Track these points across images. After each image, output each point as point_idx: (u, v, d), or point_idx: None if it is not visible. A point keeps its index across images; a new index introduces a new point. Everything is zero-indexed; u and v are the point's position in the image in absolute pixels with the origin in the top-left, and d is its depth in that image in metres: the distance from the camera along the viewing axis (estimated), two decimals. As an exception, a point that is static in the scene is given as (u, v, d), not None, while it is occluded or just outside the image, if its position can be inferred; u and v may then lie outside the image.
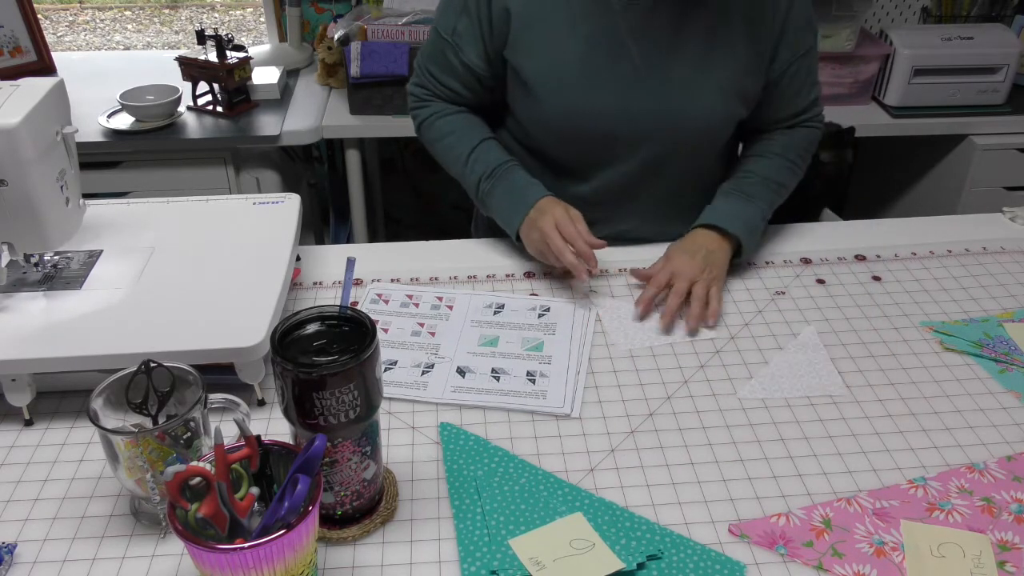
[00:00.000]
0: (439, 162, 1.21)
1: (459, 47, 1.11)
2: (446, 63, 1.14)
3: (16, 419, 0.84)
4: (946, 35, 1.99)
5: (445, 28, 1.12)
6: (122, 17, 4.42)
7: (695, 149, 1.13)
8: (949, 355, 0.95)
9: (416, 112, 1.21)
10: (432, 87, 1.18)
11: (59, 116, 0.87)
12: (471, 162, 1.14)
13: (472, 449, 0.81)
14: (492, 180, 1.12)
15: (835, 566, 0.69)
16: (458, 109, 1.18)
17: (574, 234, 1.02)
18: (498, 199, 1.11)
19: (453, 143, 1.16)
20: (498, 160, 1.13)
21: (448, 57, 1.13)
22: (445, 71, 1.15)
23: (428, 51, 1.17)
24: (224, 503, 0.59)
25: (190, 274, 0.92)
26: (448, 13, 1.12)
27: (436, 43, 1.14)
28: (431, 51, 1.16)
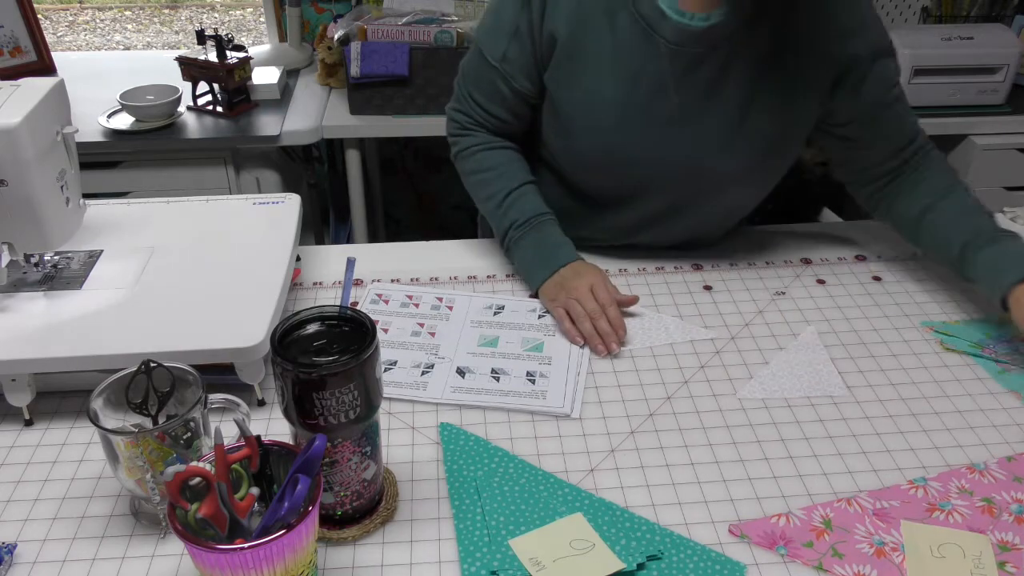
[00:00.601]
0: (468, 191, 1.14)
1: (509, 75, 1.05)
2: (493, 91, 1.07)
3: (16, 419, 0.84)
4: (946, 35, 1.98)
5: (493, 54, 1.04)
6: (122, 17, 4.42)
7: (725, 195, 1.08)
8: (949, 355, 0.95)
9: (456, 139, 1.14)
10: (476, 115, 1.11)
11: (59, 116, 0.87)
12: (506, 206, 1.08)
13: (472, 449, 0.81)
14: (523, 229, 1.06)
15: (835, 566, 0.69)
16: (503, 144, 1.11)
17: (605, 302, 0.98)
18: (525, 251, 1.06)
19: (491, 179, 1.10)
20: (534, 210, 1.07)
21: (497, 85, 1.06)
22: (492, 99, 1.08)
23: (472, 77, 1.09)
24: (224, 503, 0.59)
25: (190, 274, 0.92)
26: (496, 37, 1.04)
27: (481, 70, 1.07)
28: (475, 78, 1.09)
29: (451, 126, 1.15)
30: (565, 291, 1.00)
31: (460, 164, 1.14)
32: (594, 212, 1.12)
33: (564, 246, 1.06)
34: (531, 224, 1.06)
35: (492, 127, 1.11)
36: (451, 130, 1.15)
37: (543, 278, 1.03)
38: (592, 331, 0.96)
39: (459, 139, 1.13)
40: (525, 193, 1.09)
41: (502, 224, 1.09)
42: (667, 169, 1.03)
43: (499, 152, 1.11)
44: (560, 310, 0.99)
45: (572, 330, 0.97)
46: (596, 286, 0.99)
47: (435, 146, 2.53)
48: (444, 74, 1.88)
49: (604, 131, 1.02)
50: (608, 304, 0.98)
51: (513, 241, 1.07)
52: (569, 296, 0.99)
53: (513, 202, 1.08)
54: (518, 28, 1.02)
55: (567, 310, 0.99)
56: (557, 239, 1.07)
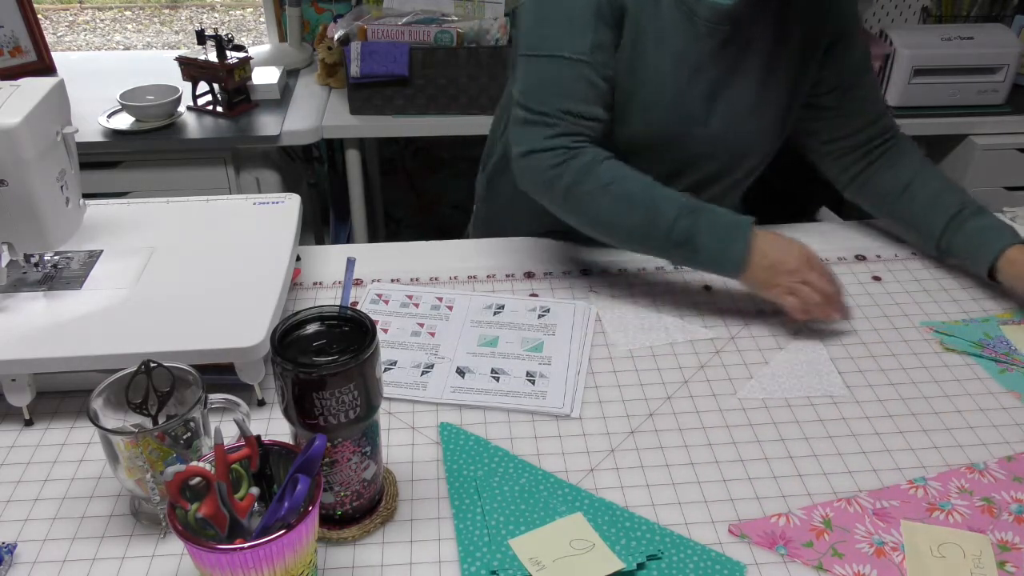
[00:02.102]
0: (598, 218, 0.99)
1: (601, 63, 0.98)
2: (588, 89, 0.99)
3: (16, 419, 0.84)
4: (946, 35, 1.99)
5: (579, 50, 0.97)
6: (122, 17, 4.42)
7: (743, 169, 1.13)
8: (949, 355, 0.95)
9: (561, 169, 0.98)
10: (578, 128, 0.99)
11: (59, 116, 0.87)
12: (657, 203, 0.97)
13: (472, 449, 0.81)
14: (691, 217, 0.96)
15: (835, 566, 0.69)
16: (607, 155, 1.00)
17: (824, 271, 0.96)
18: (706, 234, 0.96)
19: (626, 188, 0.98)
20: (682, 196, 0.98)
21: (591, 81, 0.98)
22: (588, 100, 0.99)
23: (556, 90, 0.99)
24: (224, 503, 0.59)
25: (190, 274, 0.92)
26: (574, 31, 0.98)
27: (566, 73, 0.98)
28: (560, 87, 0.98)
29: (548, 159, 0.99)
30: (785, 274, 0.94)
31: (579, 190, 0.98)
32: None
33: (730, 212, 0.98)
34: (689, 207, 0.97)
35: (594, 134, 1.01)
36: (549, 162, 0.99)
37: (742, 248, 0.95)
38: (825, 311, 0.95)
39: (565, 166, 0.99)
40: (661, 187, 0.99)
41: (663, 222, 0.96)
42: (703, 144, 1.07)
43: (613, 161, 1.00)
44: (789, 298, 0.95)
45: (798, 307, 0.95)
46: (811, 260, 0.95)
47: (435, 146, 2.53)
48: (444, 74, 1.88)
49: (657, 112, 1.04)
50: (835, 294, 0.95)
51: (686, 231, 0.96)
52: (792, 279, 0.94)
53: (661, 198, 0.98)
54: (599, 9, 0.97)
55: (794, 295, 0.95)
56: (721, 209, 0.98)
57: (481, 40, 1.86)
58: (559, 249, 1.15)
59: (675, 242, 0.96)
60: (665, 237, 0.97)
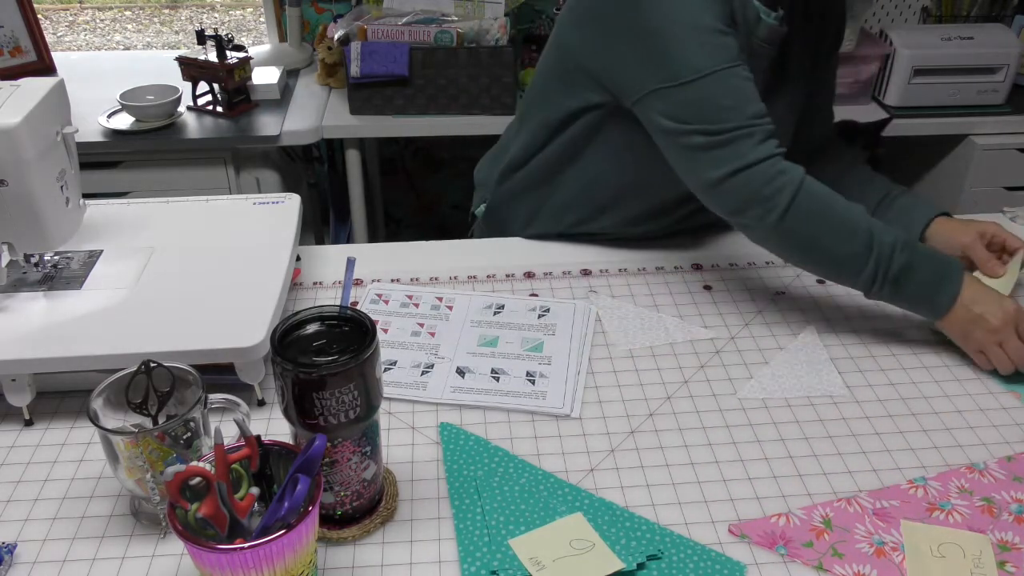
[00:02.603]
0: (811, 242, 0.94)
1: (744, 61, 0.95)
2: (752, 87, 0.94)
3: (16, 419, 0.84)
4: (946, 35, 1.99)
5: (729, 57, 0.93)
6: (122, 17, 4.42)
7: None
8: (949, 355, 0.95)
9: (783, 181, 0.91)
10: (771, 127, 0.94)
11: (59, 116, 0.87)
12: (875, 234, 0.91)
13: (472, 449, 0.81)
14: (907, 253, 0.91)
15: (835, 566, 0.69)
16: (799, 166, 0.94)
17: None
18: (920, 271, 0.92)
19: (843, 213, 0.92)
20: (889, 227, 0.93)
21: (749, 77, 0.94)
22: (758, 97, 0.94)
23: (731, 103, 0.93)
24: (224, 503, 0.59)
25: (190, 274, 0.92)
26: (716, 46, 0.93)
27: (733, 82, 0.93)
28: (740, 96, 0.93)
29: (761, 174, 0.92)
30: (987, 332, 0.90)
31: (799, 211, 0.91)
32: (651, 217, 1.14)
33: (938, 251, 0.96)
34: (907, 242, 0.92)
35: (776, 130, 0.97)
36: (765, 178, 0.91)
37: (952, 296, 0.92)
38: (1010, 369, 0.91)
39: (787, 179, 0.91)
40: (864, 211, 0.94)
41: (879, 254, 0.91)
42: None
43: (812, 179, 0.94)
44: (980, 356, 0.92)
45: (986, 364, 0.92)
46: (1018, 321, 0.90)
47: (435, 146, 2.53)
48: (444, 74, 1.88)
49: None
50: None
51: (902, 267, 0.91)
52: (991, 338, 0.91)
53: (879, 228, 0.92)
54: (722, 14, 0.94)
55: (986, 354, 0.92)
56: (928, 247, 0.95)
57: (481, 40, 1.86)
58: (559, 249, 1.16)
59: (891, 277, 0.92)
60: (882, 271, 0.92)
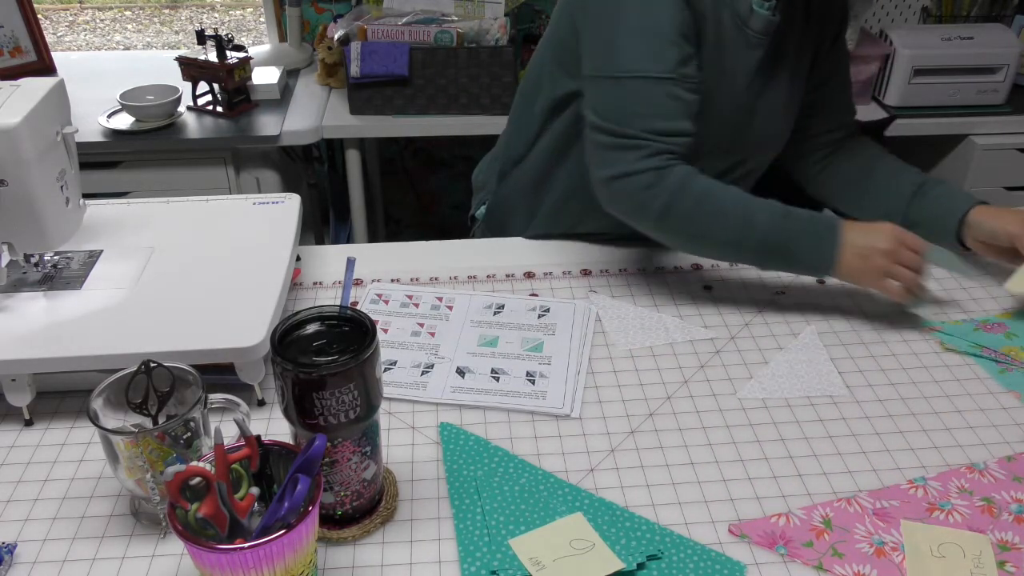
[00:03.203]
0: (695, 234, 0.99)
1: (688, 76, 0.98)
2: (675, 105, 0.97)
3: (16, 419, 0.84)
4: (946, 35, 1.99)
5: (662, 69, 0.96)
6: (122, 17, 4.42)
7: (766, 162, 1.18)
8: (949, 355, 0.95)
9: (657, 190, 0.96)
10: (669, 145, 0.98)
11: (59, 116, 0.87)
12: (750, 214, 0.96)
13: (472, 449, 0.81)
14: (782, 224, 0.96)
15: (835, 566, 0.69)
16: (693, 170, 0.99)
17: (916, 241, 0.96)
18: (797, 239, 0.96)
19: (719, 203, 0.97)
20: (769, 202, 0.98)
21: (678, 95, 0.97)
22: (677, 115, 0.98)
23: (642, 111, 0.97)
24: (224, 503, 0.59)
25: (190, 274, 0.92)
26: (658, 50, 0.96)
27: (653, 92, 0.96)
28: (648, 108, 0.97)
29: (642, 181, 0.97)
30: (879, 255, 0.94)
31: (678, 209, 0.97)
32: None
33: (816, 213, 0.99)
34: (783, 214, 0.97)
35: (682, 149, 0.99)
36: (643, 184, 0.97)
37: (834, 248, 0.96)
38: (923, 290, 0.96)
39: (661, 187, 0.97)
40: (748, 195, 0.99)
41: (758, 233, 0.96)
42: (744, 149, 1.11)
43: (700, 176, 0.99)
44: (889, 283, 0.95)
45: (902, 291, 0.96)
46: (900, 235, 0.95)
47: (435, 146, 2.53)
48: (444, 74, 1.88)
49: (712, 121, 1.05)
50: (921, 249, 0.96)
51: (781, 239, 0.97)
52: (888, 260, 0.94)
53: (754, 208, 0.97)
54: (683, 24, 0.96)
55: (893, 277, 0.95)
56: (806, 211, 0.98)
57: (481, 40, 1.86)
58: (559, 249, 1.16)
59: (770, 248, 0.97)
60: (760, 245, 0.97)
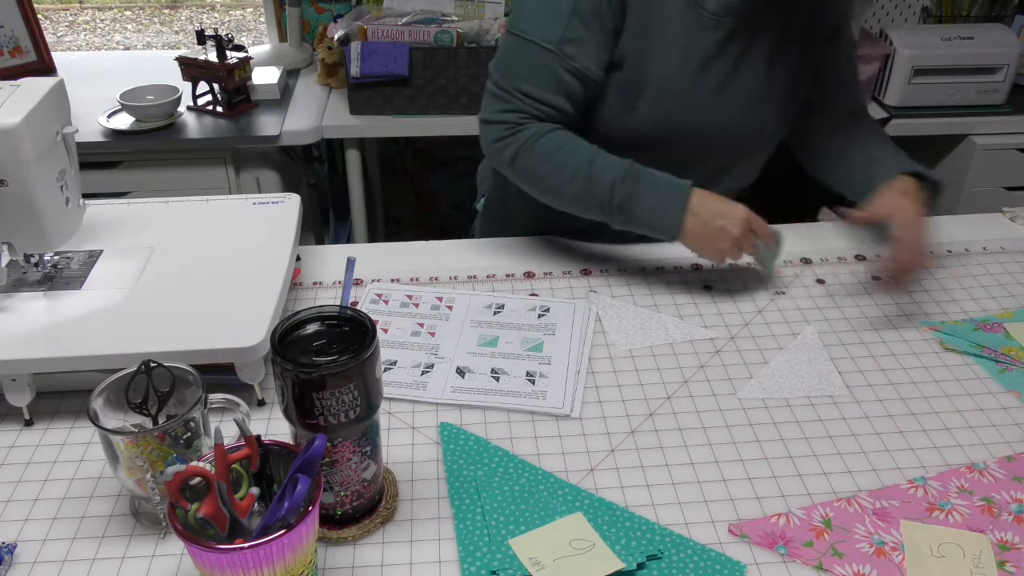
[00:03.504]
0: (540, 189, 1.05)
1: (569, 56, 1.00)
2: (550, 78, 1.01)
3: (16, 419, 0.84)
4: (946, 35, 1.99)
5: (546, 38, 1.00)
6: (122, 17, 4.42)
7: (750, 161, 1.17)
8: (949, 355, 0.95)
9: (507, 142, 1.04)
10: (529, 108, 1.03)
11: (59, 116, 0.87)
12: (594, 172, 1.00)
13: (472, 449, 0.81)
14: (627, 184, 0.99)
15: (835, 566, 0.69)
16: (554, 126, 1.04)
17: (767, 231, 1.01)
18: (642, 200, 0.99)
19: (565, 158, 1.02)
20: (623, 163, 1.00)
21: (553, 69, 1.01)
22: (548, 87, 1.02)
23: (518, 69, 1.03)
24: (224, 503, 0.59)
25: (190, 274, 0.92)
26: (549, 19, 1.00)
27: (531, 57, 1.01)
28: (523, 69, 1.02)
29: (496, 131, 1.05)
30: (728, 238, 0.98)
31: (522, 162, 1.04)
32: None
33: (672, 177, 1.01)
34: (630, 175, 1.00)
35: (546, 117, 1.04)
36: (498, 135, 1.05)
37: (679, 213, 0.99)
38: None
39: (511, 139, 1.04)
40: (604, 156, 1.02)
41: (600, 191, 1.00)
42: (712, 136, 1.09)
43: (557, 134, 1.03)
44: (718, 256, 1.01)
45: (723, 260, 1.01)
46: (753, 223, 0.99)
47: (435, 146, 2.53)
48: (444, 74, 1.88)
49: (668, 104, 1.05)
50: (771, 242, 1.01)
51: (624, 199, 1.00)
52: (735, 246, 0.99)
53: (600, 167, 1.01)
54: (590, 8, 0.99)
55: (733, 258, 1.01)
56: (661, 175, 1.01)
57: (481, 40, 1.86)
58: (559, 249, 1.16)
59: (616, 207, 1.00)
60: (607, 203, 1.01)
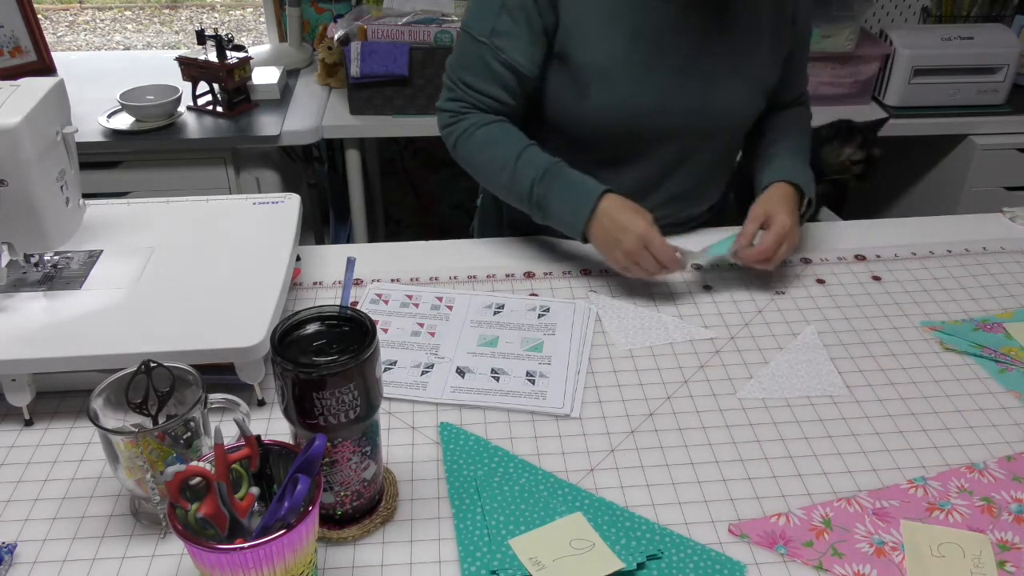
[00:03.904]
0: (478, 177, 1.14)
1: (499, 48, 1.05)
2: (484, 68, 1.07)
3: (16, 419, 0.84)
4: (946, 35, 1.99)
5: (480, 31, 1.06)
6: (122, 17, 4.42)
7: (720, 142, 1.17)
8: (949, 355, 0.95)
9: (451, 129, 1.12)
10: (469, 98, 1.10)
11: (59, 116, 0.87)
12: (519, 168, 1.07)
13: (472, 449, 0.81)
14: (546, 182, 1.05)
15: (835, 566, 0.69)
16: (495, 119, 1.11)
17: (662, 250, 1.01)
18: (556, 200, 1.05)
19: (496, 153, 1.09)
20: (547, 162, 1.07)
21: (487, 61, 1.07)
22: (483, 78, 1.08)
23: (460, 60, 1.10)
24: (224, 503, 0.59)
25: (190, 274, 0.92)
26: (483, 14, 1.06)
27: (470, 49, 1.08)
28: (464, 59, 1.09)
29: (444, 119, 1.14)
30: (621, 251, 1.01)
31: (461, 150, 1.12)
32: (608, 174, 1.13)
33: (589, 180, 1.05)
34: (549, 176, 1.05)
35: (487, 108, 1.10)
36: (444, 122, 1.14)
37: (585, 217, 1.03)
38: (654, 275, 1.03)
39: (454, 127, 1.12)
40: (533, 153, 1.08)
41: (522, 187, 1.06)
42: (671, 122, 1.09)
43: (493, 126, 1.10)
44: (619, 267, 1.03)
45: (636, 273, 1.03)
46: (647, 240, 1.00)
47: (435, 146, 2.53)
48: (444, 74, 1.88)
49: (615, 89, 1.06)
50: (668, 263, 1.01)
51: (540, 197, 1.05)
52: (628, 259, 1.01)
53: (525, 162, 1.07)
54: (505, 1, 1.04)
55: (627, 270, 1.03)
56: (579, 177, 1.06)
57: (481, 40, 1.86)
58: (559, 249, 1.16)
59: (534, 204, 1.07)
60: (527, 199, 1.07)
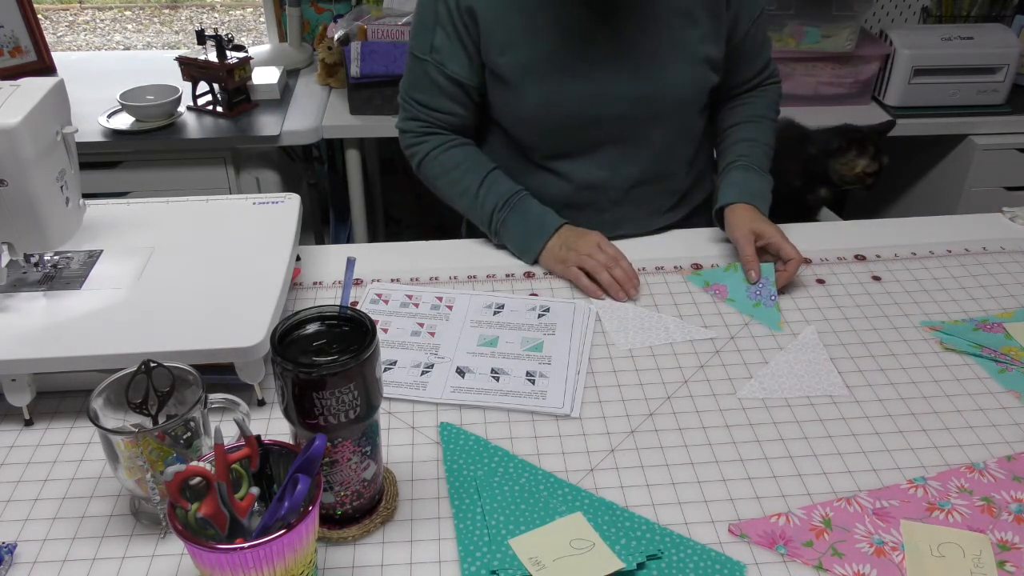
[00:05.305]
0: (442, 197, 1.18)
1: (440, 63, 1.10)
2: (430, 84, 1.12)
3: (16, 419, 0.84)
4: (946, 35, 1.99)
5: (421, 49, 1.11)
6: (122, 17, 4.42)
7: (671, 123, 1.16)
8: (949, 355, 0.95)
9: (414, 150, 1.18)
10: (425, 116, 1.15)
11: (59, 116, 0.87)
12: (482, 195, 1.13)
13: (472, 449, 0.81)
14: (506, 211, 1.11)
15: (835, 566, 0.69)
16: (460, 141, 1.16)
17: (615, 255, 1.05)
18: (514, 228, 1.11)
19: (459, 176, 1.14)
20: (510, 190, 1.12)
21: (432, 77, 1.11)
22: (433, 94, 1.13)
23: (409, 80, 1.15)
24: (224, 503, 0.59)
25: (190, 274, 0.92)
26: (420, 33, 1.10)
27: (415, 68, 1.13)
28: (412, 79, 1.14)
29: (405, 139, 1.19)
30: (574, 251, 1.05)
31: (424, 172, 1.18)
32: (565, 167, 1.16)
33: (549, 213, 1.12)
34: (511, 203, 1.11)
35: (443, 124, 1.15)
36: (406, 143, 1.18)
37: (540, 246, 1.09)
38: (611, 280, 1.02)
39: (416, 147, 1.17)
40: (496, 179, 1.13)
41: (483, 213, 1.13)
42: (614, 108, 1.10)
43: (457, 150, 1.15)
44: (573, 269, 1.05)
45: (591, 286, 1.04)
46: (602, 242, 1.06)
47: (435, 146, 2.53)
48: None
49: (546, 82, 1.08)
50: (619, 256, 1.05)
51: (500, 223, 1.12)
52: (580, 254, 1.04)
53: (488, 189, 1.13)
54: (437, 16, 1.08)
55: (580, 267, 1.04)
56: (540, 209, 1.12)
57: (481, 40, 1.86)
58: (559, 249, 1.15)
59: (494, 230, 1.13)
60: (487, 224, 1.13)
